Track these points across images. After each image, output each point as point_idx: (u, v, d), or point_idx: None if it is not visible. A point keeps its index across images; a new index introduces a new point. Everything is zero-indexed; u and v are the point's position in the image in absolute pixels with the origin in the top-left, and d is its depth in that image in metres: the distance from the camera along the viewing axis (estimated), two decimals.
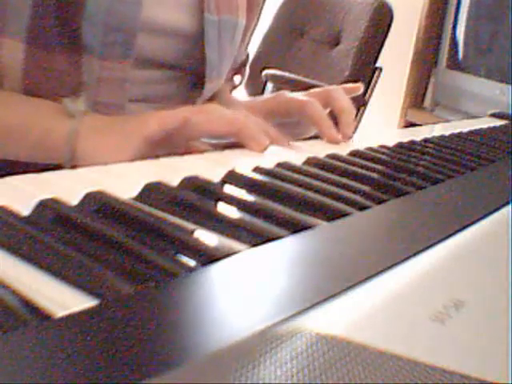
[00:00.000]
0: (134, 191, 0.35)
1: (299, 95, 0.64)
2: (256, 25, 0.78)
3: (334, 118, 0.62)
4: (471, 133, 0.75)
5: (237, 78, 0.82)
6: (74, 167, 0.40)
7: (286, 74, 1.82)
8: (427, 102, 2.38)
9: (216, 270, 0.25)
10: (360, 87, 0.69)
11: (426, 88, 2.38)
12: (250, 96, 0.85)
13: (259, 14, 0.77)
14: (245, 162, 0.46)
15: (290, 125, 0.62)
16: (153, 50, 0.61)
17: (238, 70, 0.82)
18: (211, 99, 0.70)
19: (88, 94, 0.55)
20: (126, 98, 0.59)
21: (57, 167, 0.50)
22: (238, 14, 0.66)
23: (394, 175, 0.47)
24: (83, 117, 0.51)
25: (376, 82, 1.94)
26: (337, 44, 1.98)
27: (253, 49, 2.04)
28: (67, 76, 0.55)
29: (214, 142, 0.58)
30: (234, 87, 0.82)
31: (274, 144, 0.54)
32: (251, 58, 1.69)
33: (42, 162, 0.52)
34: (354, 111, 0.63)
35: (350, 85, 0.68)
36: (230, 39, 0.66)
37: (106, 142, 0.50)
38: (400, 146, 0.60)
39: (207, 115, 0.49)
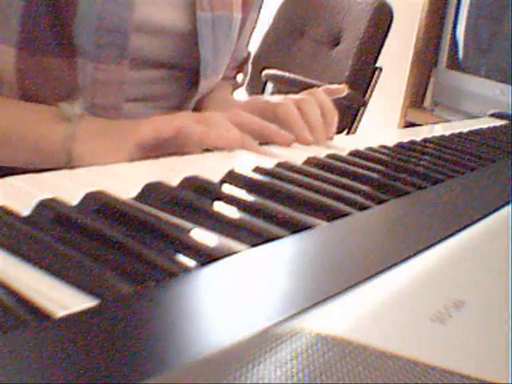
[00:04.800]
0: (134, 191, 0.35)
1: (274, 99, 0.63)
2: (256, 21, 0.77)
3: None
4: (471, 133, 0.75)
5: (239, 77, 0.82)
6: (72, 168, 0.40)
7: (286, 74, 1.83)
8: (427, 102, 2.38)
9: (216, 269, 0.25)
10: (343, 88, 0.67)
11: (425, 88, 2.38)
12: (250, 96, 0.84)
13: (259, 10, 0.76)
14: (245, 162, 0.46)
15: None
16: (148, 50, 0.60)
17: (240, 68, 0.81)
18: (206, 96, 0.70)
19: (84, 97, 0.55)
20: (122, 98, 0.59)
21: (56, 167, 0.50)
22: (232, 9, 0.65)
23: (394, 175, 0.47)
24: (79, 120, 0.51)
25: (376, 81, 1.94)
26: (337, 44, 1.99)
27: (253, 49, 2.04)
28: (62, 79, 0.55)
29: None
30: (237, 86, 0.82)
31: (278, 140, 0.54)
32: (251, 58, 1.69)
33: (39, 167, 0.52)
34: (334, 112, 0.61)
35: (334, 86, 0.67)
36: (226, 35, 0.65)
37: (101, 146, 0.50)
38: (400, 146, 0.60)
39: (204, 127, 0.49)
